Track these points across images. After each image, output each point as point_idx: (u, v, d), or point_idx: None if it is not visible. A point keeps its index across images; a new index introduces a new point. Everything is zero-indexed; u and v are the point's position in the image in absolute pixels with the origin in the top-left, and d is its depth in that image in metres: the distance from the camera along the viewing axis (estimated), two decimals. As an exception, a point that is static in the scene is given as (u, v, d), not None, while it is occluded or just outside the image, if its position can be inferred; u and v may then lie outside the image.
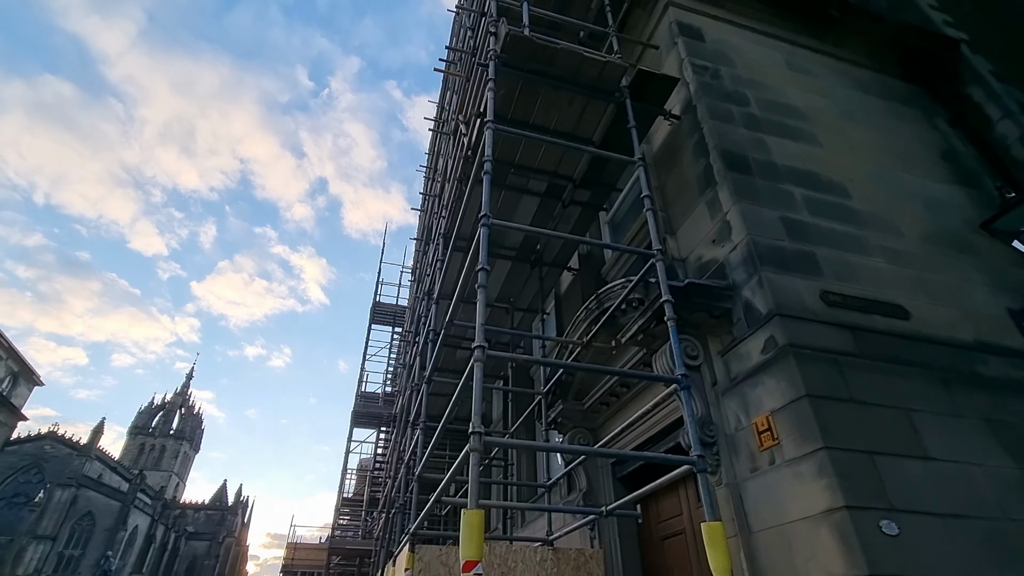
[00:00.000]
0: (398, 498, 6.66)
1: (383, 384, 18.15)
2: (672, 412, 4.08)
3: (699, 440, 3.06)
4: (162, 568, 75.70)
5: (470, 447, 2.73)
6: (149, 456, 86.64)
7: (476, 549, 2.45)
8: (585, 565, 4.72)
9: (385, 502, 11.05)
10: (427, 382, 5.35)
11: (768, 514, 3.04)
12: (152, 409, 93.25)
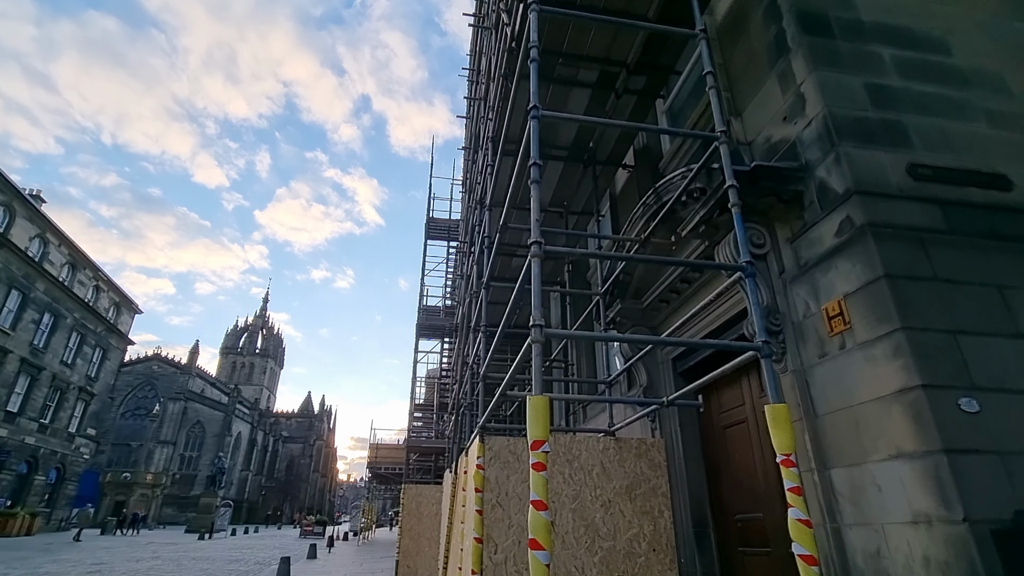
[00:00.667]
0: (465, 399, 7.08)
1: (443, 298, 18.75)
2: (735, 304, 3.99)
3: (764, 328, 2.98)
4: (265, 466, 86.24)
5: (532, 339, 2.79)
6: (241, 372, 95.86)
7: (543, 430, 2.57)
8: (647, 453, 4.93)
9: (454, 404, 11.82)
10: (485, 287, 5.45)
11: (835, 398, 3.00)
12: (237, 331, 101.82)
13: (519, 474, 4.74)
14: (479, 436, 4.88)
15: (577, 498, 4.73)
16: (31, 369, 33.76)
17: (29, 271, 32.72)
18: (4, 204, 30.50)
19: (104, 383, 42.54)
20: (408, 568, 14.48)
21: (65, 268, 36.53)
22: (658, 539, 4.66)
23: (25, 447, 33.80)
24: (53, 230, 35.00)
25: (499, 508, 4.62)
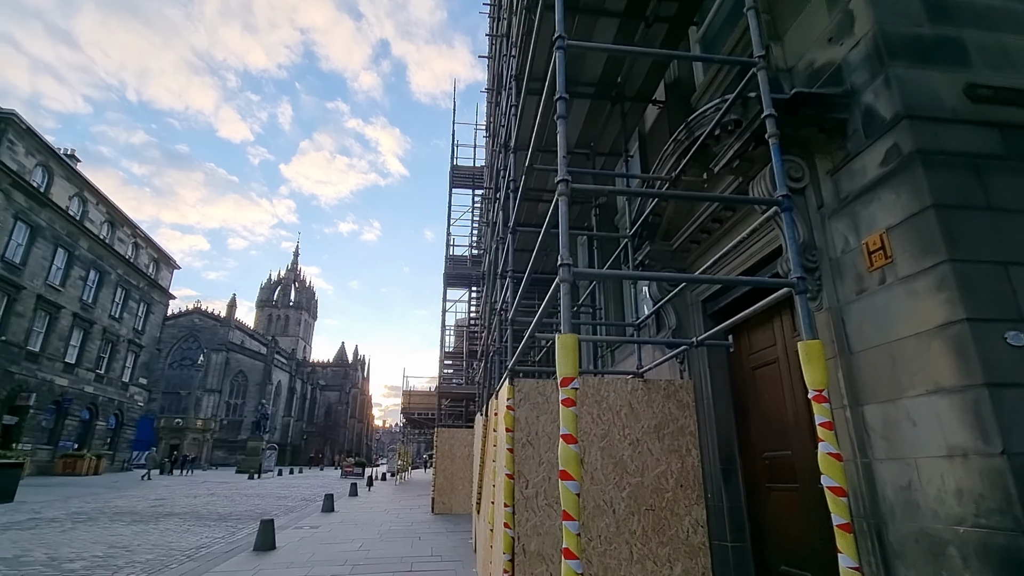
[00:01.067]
0: (495, 345, 7.20)
1: (469, 247, 18.83)
2: (768, 243, 3.87)
3: (800, 265, 2.89)
4: (305, 413, 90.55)
5: (560, 278, 2.78)
6: (276, 324, 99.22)
7: (572, 367, 2.60)
8: (675, 394, 4.97)
9: (483, 351, 12.06)
10: (512, 232, 5.43)
11: (872, 334, 2.93)
12: (271, 284, 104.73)
13: (548, 414, 4.86)
14: (509, 379, 4.98)
15: (605, 437, 4.83)
16: (83, 323, 35.57)
17: (72, 229, 33.90)
18: (42, 164, 31.31)
19: (151, 336, 44.68)
20: (443, 504, 15.27)
21: (104, 226, 37.72)
22: (685, 476, 4.77)
23: (85, 395, 36.13)
24: (90, 189, 35.94)
25: (529, 446, 4.77)
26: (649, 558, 4.53)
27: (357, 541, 10.28)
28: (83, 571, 7.86)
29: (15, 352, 29.46)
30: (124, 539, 10.66)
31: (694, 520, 4.66)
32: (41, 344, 31.61)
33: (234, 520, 14.02)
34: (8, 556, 8.73)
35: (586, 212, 7.05)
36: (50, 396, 32.39)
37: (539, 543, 4.51)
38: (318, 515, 14.60)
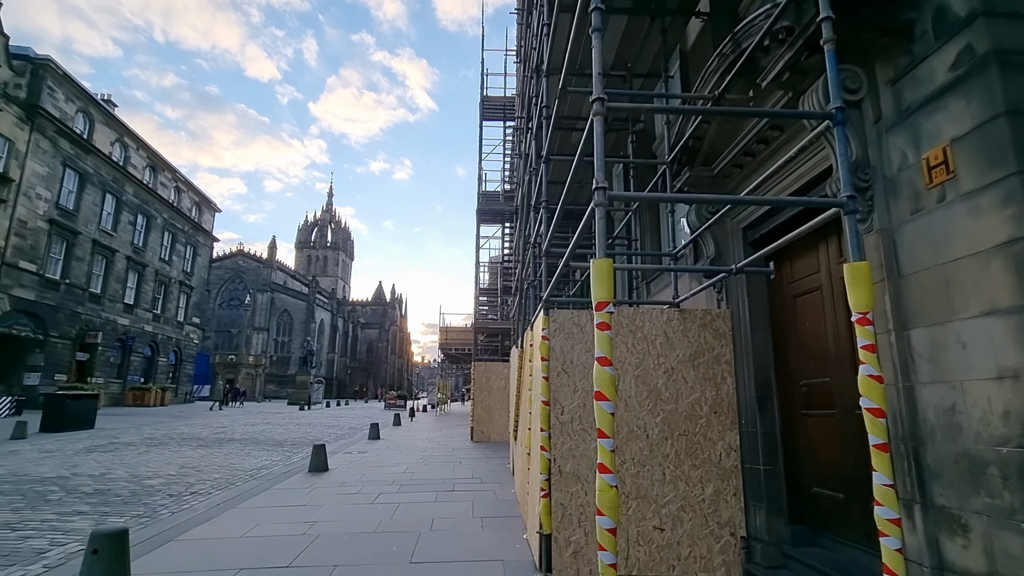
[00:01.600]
0: (529, 278, 7.23)
1: (502, 181, 18.57)
2: (818, 163, 3.66)
3: (851, 184, 2.73)
4: (348, 349, 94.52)
5: (595, 202, 2.73)
6: (316, 265, 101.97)
7: (606, 292, 2.60)
8: (712, 323, 4.94)
9: (517, 286, 12.16)
10: (545, 162, 5.30)
11: (925, 255, 2.79)
12: (308, 226, 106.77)
13: (583, 344, 4.92)
14: (543, 310, 5.03)
15: (640, 366, 4.89)
16: (136, 266, 37.38)
17: (117, 175, 34.94)
18: (82, 111, 31.93)
19: (199, 277, 46.71)
20: (481, 433, 16.01)
21: (147, 171, 38.71)
22: (720, 403, 4.82)
23: (145, 333, 38.56)
24: (130, 134, 36.64)
25: (564, 375, 4.88)
26: (681, 479, 4.69)
27: (402, 465, 10.97)
28: (160, 486, 8.71)
29: (79, 294, 31.41)
30: (193, 461, 11.68)
31: (727, 445, 4.75)
32: (101, 286, 33.55)
33: (289, 446, 15.11)
34: (95, 473, 9.72)
35: (622, 140, 6.78)
36: (114, 335, 34.73)
37: (574, 464, 4.70)
38: (365, 442, 15.57)
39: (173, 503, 7.50)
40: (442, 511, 6.91)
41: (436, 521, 6.38)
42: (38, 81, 28.09)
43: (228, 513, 6.73)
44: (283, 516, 6.55)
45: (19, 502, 7.31)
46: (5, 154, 26.21)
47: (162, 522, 6.42)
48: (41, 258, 28.42)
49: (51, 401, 17.84)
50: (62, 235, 30.04)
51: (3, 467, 10.10)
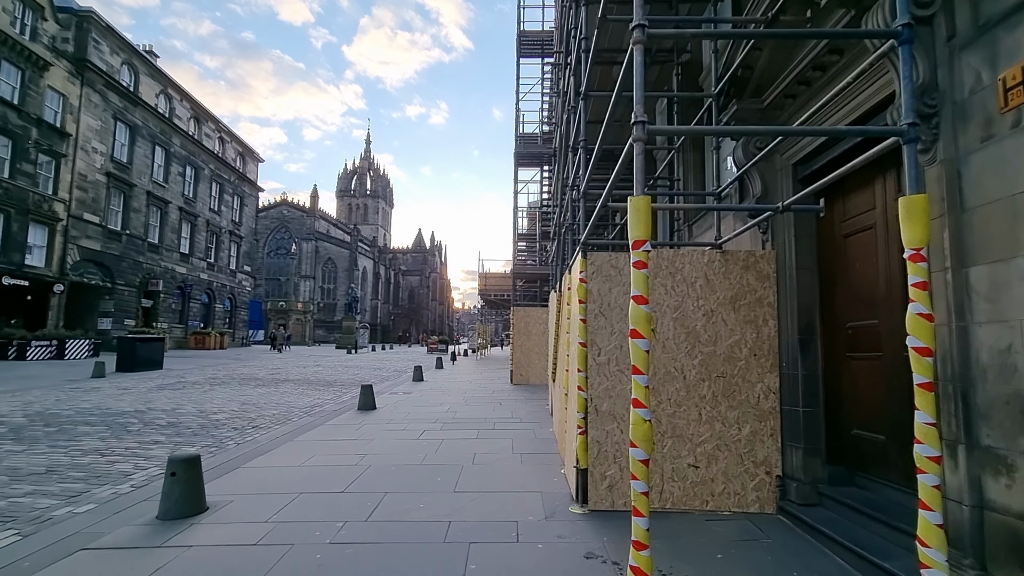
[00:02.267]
0: (566, 221, 7.15)
1: (539, 123, 18.06)
2: (879, 90, 3.40)
3: (914, 110, 2.53)
4: (390, 296, 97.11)
5: (634, 137, 2.64)
6: (356, 213, 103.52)
7: (644, 230, 2.56)
8: (755, 265, 4.81)
9: (555, 230, 12.05)
10: (583, 98, 5.11)
11: (994, 186, 2.60)
12: (347, 174, 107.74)
13: (620, 287, 4.90)
14: (581, 253, 5.00)
15: (679, 308, 4.85)
16: (189, 216, 38.91)
17: (164, 127, 35.85)
18: (127, 63, 32.51)
19: (247, 227, 48.31)
20: (521, 376, 16.42)
21: (191, 122, 39.52)
22: (760, 346, 4.76)
23: (201, 281, 40.59)
24: (173, 85, 37.24)
25: (602, 317, 4.90)
26: (718, 420, 4.73)
27: (445, 405, 11.46)
28: (225, 420, 9.44)
29: (139, 244, 33.15)
30: (252, 398, 12.54)
31: (766, 387, 4.73)
32: (158, 236, 35.25)
33: (339, 386, 15.96)
34: (167, 408, 10.60)
35: (667, 73, 6.43)
36: (174, 282, 36.75)
37: (610, 404, 4.80)
38: (409, 383, 16.27)
39: (237, 435, 8.13)
40: (483, 447, 7.23)
41: (477, 456, 6.70)
42: (83, 34, 28.64)
43: (286, 445, 7.25)
44: (336, 449, 7.01)
45: (105, 432, 8.08)
46: (60, 109, 27.24)
47: (229, 451, 7.00)
48: (102, 210, 29.95)
49: (124, 344, 19.30)
50: (119, 187, 31.43)
51: (89, 402, 11.12)
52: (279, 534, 4.12)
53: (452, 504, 4.85)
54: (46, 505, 4.85)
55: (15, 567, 3.57)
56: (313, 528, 4.23)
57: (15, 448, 6.90)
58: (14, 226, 24.49)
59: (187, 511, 4.51)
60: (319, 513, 4.60)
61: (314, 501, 4.94)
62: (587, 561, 3.67)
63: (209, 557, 3.72)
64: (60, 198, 27.12)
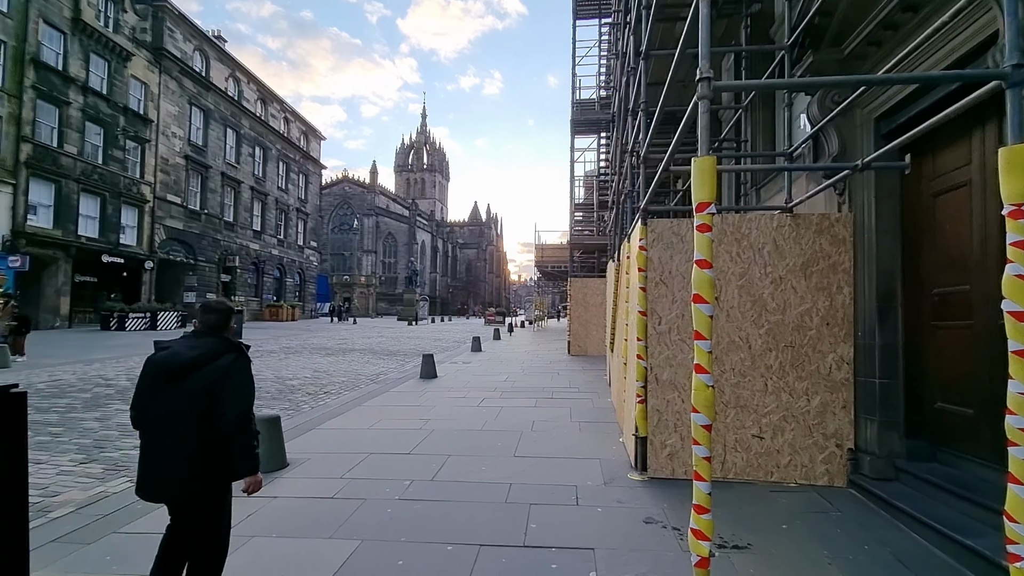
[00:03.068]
0: (625, 188, 6.98)
1: (597, 88, 17.51)
2: (978, 31, 3.06)
3: (1019, 49, 2.27)
4: (448, 269, 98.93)
5: (698, 95, 2.53)
6: (414, 188, 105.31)
7: (709, 192, 2.47)
8: (829, 229, 4.54)
9: (614, 199, 11.81)
10: (644, 58, 4.91)
11: (1117, 133, 2.30)
12: (404, 149, 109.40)
13: (682, 254, 4.77)
14: (641, 220, 4.90)
15: (744, 275, 4.68)
16: (259, 195, 40.93)
17: (234, 110, 37.57)
18: (198, 49, 34.11)
19: (312, 204, 50.30)
20: (578, 347, 16.43)
21: (258, 104, 41.19)
22: (833, 314, 4.53)
23: (273, 257, 42.86)
24: (240, 68, 38.82)
25: (663, 285, 4.81)
26: (784, 390, 4.57)
27: (503, 374, 11.69)
28: (299, 385, 10.08)
29: (216, 222, 35.32)
30: (323, 366, 13.28)
31: (838, 357, 4.51)
32: (233, 215, 37.38)
33: (402, 355, 16.59)
34: (247, 373, 11.42)
35: (734, 27, 6.05)
36: (248, 258, 39.04)
37: (671, 373, 4.74)
38: (468, 354, 16.67)
39: (311, 400, 8.68)
40: (541, 415, 7.36)
41: (536, 423, 6.83)
42: (159, 23, 30.26)
43: (355, 409, 7.67)
44: (401, 414, 7.35)
45: (194, 394, 8.84)
46: (143, 96, 29.11)
47: (304, 414, 7.50)
48: (183, 191, 32.07)
49: (206, 315, 20.80)
50: (196, 169, 33.46)
51: (179, 367, 12.16)
52: (353, 489, 4.41)
53: (513, 467, 5.00)
54: (150, 457, 5.41)
55: (130, 509, 4.03)
56: (383, 485, 4.49)
57: (122, 407, 7.68)
58: (109, 208, 26.71)
59: (270, 467, 4.90)
60: (388, 472, 4.87)
61: (382, 461, 5.23)
62: (647, 526, 3.70)
63: (293, 507, 4.05)
64: (146, 181, 29.24)
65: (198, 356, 2.34)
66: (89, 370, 11.46)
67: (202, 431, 2.28)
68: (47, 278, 23.93)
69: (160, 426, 2.31)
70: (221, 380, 2.31)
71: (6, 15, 21.78)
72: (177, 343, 2.45)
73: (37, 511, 4.03)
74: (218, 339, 2.48)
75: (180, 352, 2.36)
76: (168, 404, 2.29)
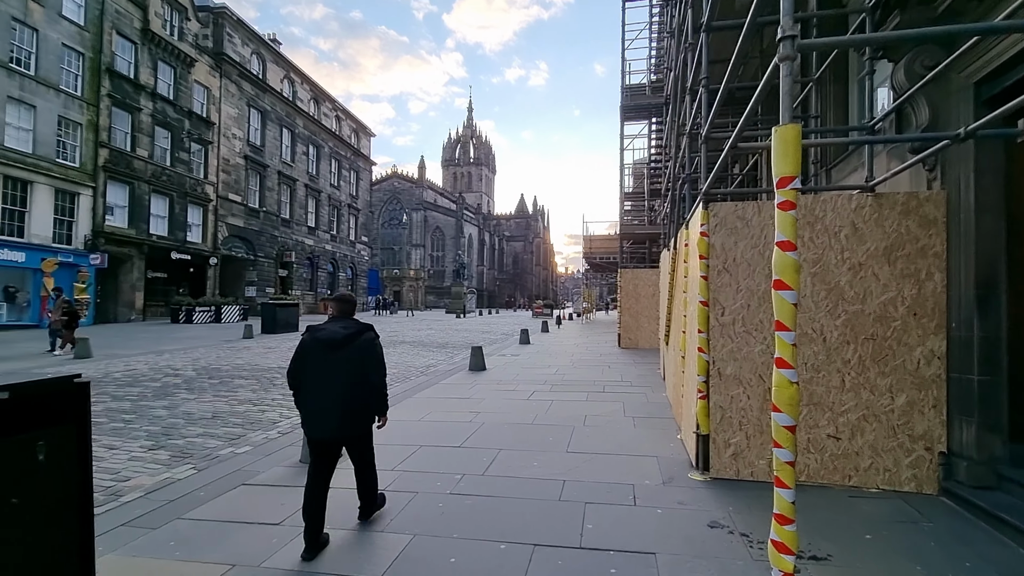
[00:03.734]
0: (682, 171, 6.63)
1: (647, 71, 16.86)
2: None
3: None
4: (495, 262, 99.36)
5: (779, 57, 2.25)
6: (461, 181, 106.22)
7: (793, 165, 2.20)
8: (918, 209, 4.10)
9: (666, 186, 11.36)
10: (704, 31, 4.57)
11: None
12: (451, 143, 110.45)
13: (747, 240, 4.44)
14: (703, 204, 4.59)
15: (819, 262, 4.30)
16: (313, 192, 42.26)
17: (289, 110, 38.87)
18: (255, 52, 35.41)
19: (363, 199, 51.53)
20: (629, 340, 16.02)
21: (311, 103, 42.44)
22: (922, 303, 4.10)
23: (326, 252, 44.21)
24: (294, 69, 40.07)
25: (726, 273, 4.50)
26: (865, 387, 4.18)
27: (552, 367, 11.51)
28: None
29: (274, 219, 36.73)
30: (374, 357, 13.50)
31: (928, 351, 4.07)
32: (288, 212, 38.76)
33: (451, 348, 16.69)
34: (302, 364, 11.75)
35: (801, -6, 5.57)
36: (303, 254, 40.44)
37: (735, 367, 4.43)
38: (516, 346, 16.58)
39: (363, 390, 8.80)
40: (594, 409, 7.15)
41: (588, 418, 6.63)
42: (219, 29, 31.61)
43: (405, 402, 7.70)
44: (450, 406, 7.31)
45: (255, 385, 9.15)
46: (205, 100, 30.54)
47: (356, 404, 7.59)
48: (243, 190, 33.50)
49: (266, 309, 21.72)
50: (255, 169, 34.87)
51: (241, 359, 12.68)
52: (405, 482, 4.37)
53: (565, 464, 4.83)
54: (213, 445, 5.58)
55: (193, 495, 4.14)
56: (434, 479, 4.43)
57: (188, 396, 8.03)
58: (176, 208, 28.24)
59: (324, 456, 4.95)
60: (439, 465, 4.81)
61: (433, 454, 5.18)
62: (712, 531, 3.46)
63: (346, 496, 4.03)
64: (209, 181, 30.71)
65: (351, 334, 3.28)
66: (160, 360, 12.12)
67: (354, 385, 3.22)
68: (123, 274, 25.58)
69: (322, 383, 3.20)
70: (368, 352, 3.30)
71: (83, 28, 23.26)
72: (330, 325, 3.34)
73: (110, 495, 4.20)
74: (357, 322, 3.40)
75: (337, 331, 3.27)
76: (329, 367, 3.20)
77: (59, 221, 22.39)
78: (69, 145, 22.73)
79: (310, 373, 3.22)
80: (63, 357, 12.57)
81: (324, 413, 3.21)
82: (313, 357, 3.22)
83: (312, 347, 3.24)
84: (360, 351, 3.26)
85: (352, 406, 3.24)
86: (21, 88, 20.71)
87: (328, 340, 3.23)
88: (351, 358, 3.22)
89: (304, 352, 3.25)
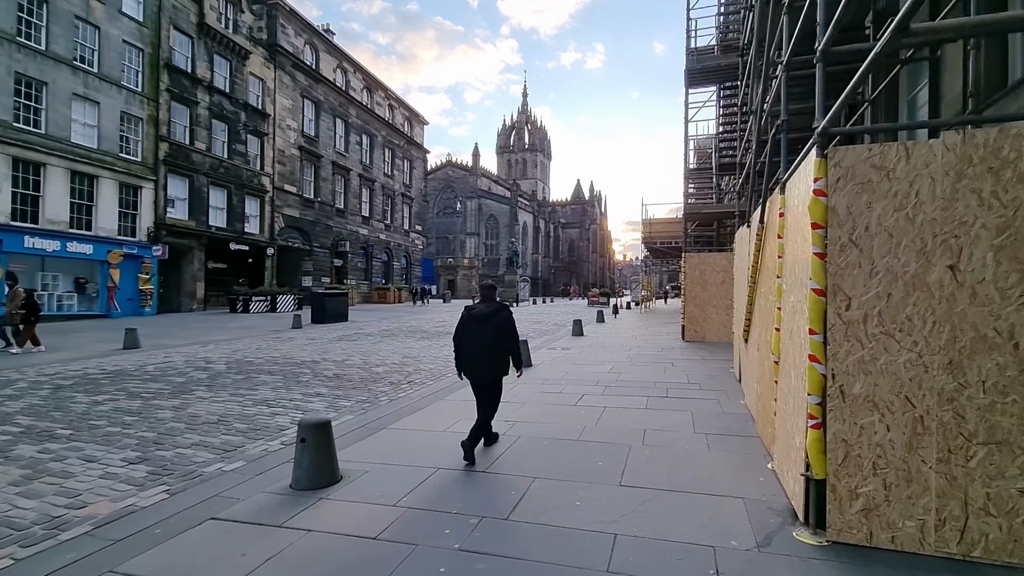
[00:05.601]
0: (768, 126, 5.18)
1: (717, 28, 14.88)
2: None
3: None
4: (550, 250, 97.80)
5: None
6: (516, 168, 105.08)
7: None
8: None
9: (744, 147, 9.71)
10: None
11: None
12: (506, 130, 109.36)
13: (889, 198, 3.02)
14: (818, 150, 3.22)
15: (1006, 229, 2.84)
16: (367, 182, 42.40)
17: (342, 100, 38.93)
18: (308, 43, 35.52)
19: (417, 189, 51.41)
20: (694, 332, 14.39)
21: (364, 93, 42.39)
22: None
23: (381, 241, 44.39)
24: (347, 59, 40.06)
25: (853, 249, 3.10)
26: (1086, 421, 2.70)
27: (607, 364, 10.19)
28: (384, 374, 9.40)
29: (328, 210, 37.03)
30: (414, 351, 12.68)
31: None
32: (343, 202, 39.01)
33: (498, 339, 15.68)
34: (338, 359, 11.05)
35: None
36: (358, 243, 40.70)
37: (867, 385, 3.06)
38: (568, 338, 15.31)
39: (392, 391, 7.89)
40: (655, 421, 5.87)
41: (648, 433, 5.37)
42: (272, 21, 31.83)
43: (435, 404, 6.71)
44: (484, 412, 6.23)
45: (279, 382, 8.46)
46: (261, 92, 30.90)
47: (380, 408, 6.68)
48: (298, 181, 33.86)
49: (315, 299, 21.55)
50: (309, 159, 35.18)
51: (278, 351, 12.19)
52: (405, 526, 3.33)
53: (618, 505, 3.63)
54: (202, 459, 4.77)
55: (147, 533, 3.30)
56: (443, 523, 3.36)
57: (204, 395, 7.39)
58: (234, 199, 28.78)
59: (319, 482, 4.01)
60: (453, 499, 3.74)
61: (451, 481, 4.13)
62: (853, 653, 2.17)
63: (321, 550, 3.05)
64: (265, 172, 31.15)
65: (493, 311, 4.68)
66: (200, 352, 11.81)
67: (498, 348, 4.67)
68: (184, 265, 26.30)
69: (474, 346, 4.68)
70: (506, 325, 4.68)
71: (142, 24, 23.78)
72: (479, 306, 4.80)
73: (52, 528, 3.44)
74: (497, 302, 4.84)
75: (483, 309, 4.71)
76: (480, 335, 4.66)
77: (123, 214, 23.13)
78: (131, 140, 23.38)
79: (467, 338, 4.73)
80: (22, 354, 11.07)
81: (474, 364, 4.70)
82: (468, 327, 4.72)
83: (467, 320, 4.73)
84: (498, 323, 4.65)
85: (492, 359, 4.66)
86: (85, 85, 21.35)
87: (477, 315, 4.69)
88: (493, 328, 4.64)
89: (463, 324, 4.76)
